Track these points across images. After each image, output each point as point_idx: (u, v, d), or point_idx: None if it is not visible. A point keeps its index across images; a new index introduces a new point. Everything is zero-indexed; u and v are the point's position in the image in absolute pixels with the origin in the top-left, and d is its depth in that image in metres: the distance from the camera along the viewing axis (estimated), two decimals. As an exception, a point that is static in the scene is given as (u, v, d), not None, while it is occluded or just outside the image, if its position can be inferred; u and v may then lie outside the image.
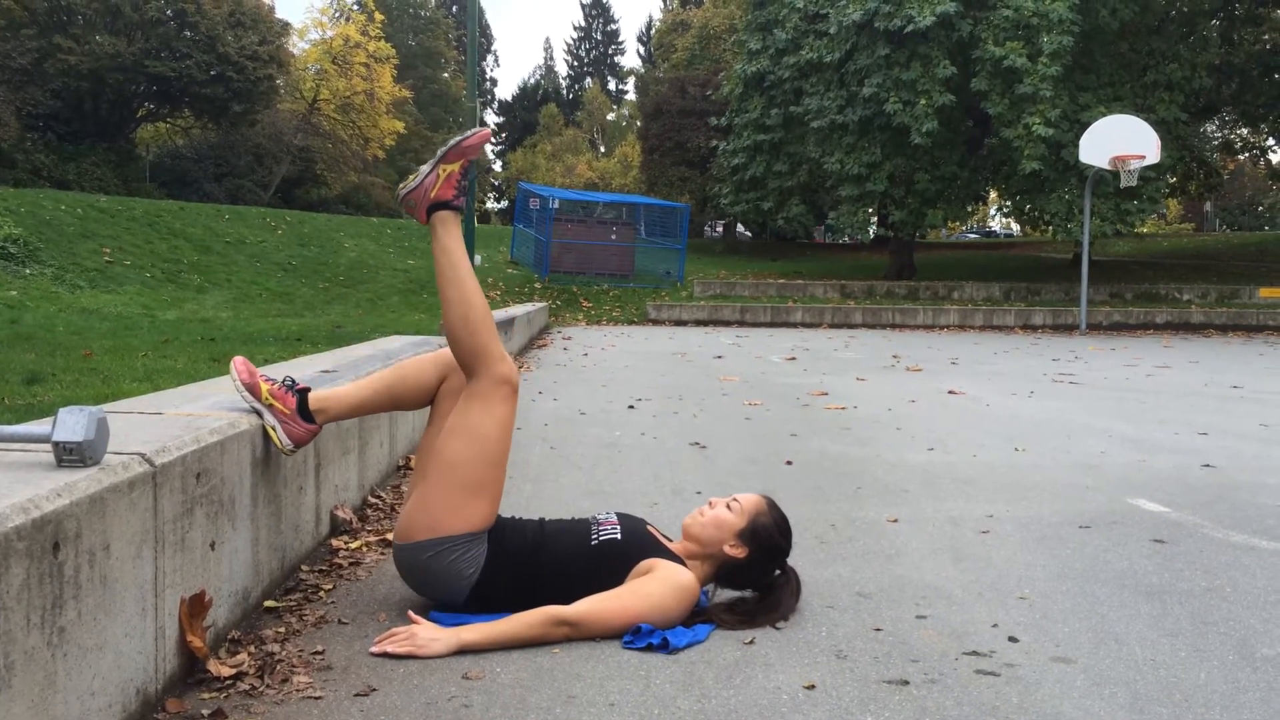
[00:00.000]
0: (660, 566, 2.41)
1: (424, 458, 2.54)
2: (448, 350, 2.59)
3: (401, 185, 2.58)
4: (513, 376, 2.46)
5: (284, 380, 2.51)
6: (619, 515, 2.59)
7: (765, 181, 25.54)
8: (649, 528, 2.58)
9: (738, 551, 2.49)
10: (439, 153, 2.55)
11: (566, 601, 2.35)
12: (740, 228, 40.67)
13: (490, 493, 2.42)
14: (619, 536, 2.48)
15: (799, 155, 24.67)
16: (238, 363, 2.47)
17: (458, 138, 2.55)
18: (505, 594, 2.42)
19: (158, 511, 1.82)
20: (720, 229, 42.65)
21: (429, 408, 2.63)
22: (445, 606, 2.44)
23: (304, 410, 2.47)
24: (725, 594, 2.57)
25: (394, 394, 2.61)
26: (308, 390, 2.51)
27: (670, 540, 2.58)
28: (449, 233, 2.53)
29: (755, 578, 2.54)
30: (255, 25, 35.21)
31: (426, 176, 2.54)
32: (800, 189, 25.58)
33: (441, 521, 2.37)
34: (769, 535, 2.51)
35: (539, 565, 2.43)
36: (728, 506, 2.54)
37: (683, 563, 2.47)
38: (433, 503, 2.39)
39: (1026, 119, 19.44)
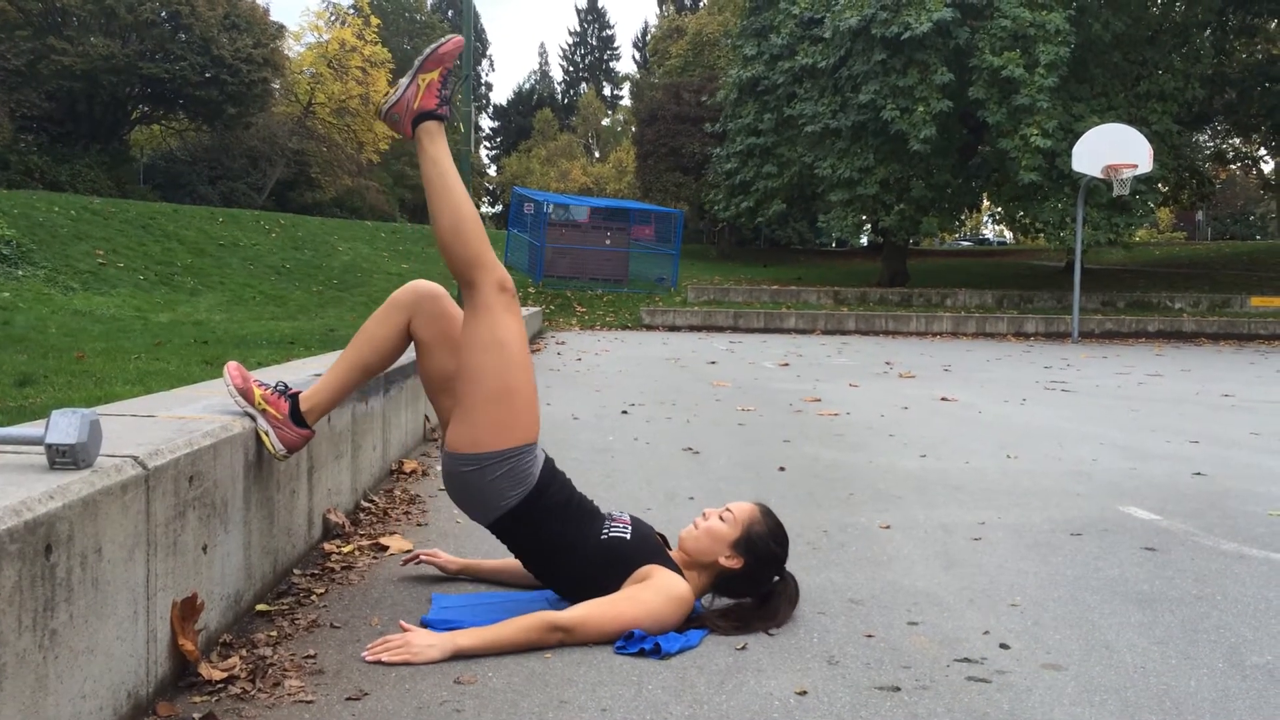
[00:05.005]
0: (657, 574, 2.41)
1: (433, 383, 2.58)
2: (397, 293, 2.60)
3: (383, 100, 2.55)
4: (509, 283, 2.48)
5: (277, 385, 2.51)
6: (632, 518, 2.59)
7: (753, 184, 25.57)
8: (657, 536, 2.59)
9: (733, 563, 2.49)
10: (416, 63, 2.54)
11: (558, 582, 2.43)
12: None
13: (520, 400, 2.43)
14: (628, 537, 2.49)
15: (788, 158, 24.69)
16: (231, 368, 2.48)
17: (432, 45, 2.55)
18: (522, 540, 2.49)
19: (150, 514, 1.82)
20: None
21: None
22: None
23: (296, 415, 2.47)
24: (722, 600, 2.57)
25: (368, 363, 2.59)
26: (300, 394, 2.51)
27: (671, 550, 2.59)
28: (435, 144, 2.52)
29: (753, 587, 2.53)
30: (250, 28, 35.17)
31: (407, 88, 2.52)
32: (785, 190, 25.58)
33: (483, 437, 2.40)
34: (764, 544, 2.51)
35: (561, 535, 2.46)
36: (720, 518, 2.53)
37: (682, 572, 2.47)
38: (473, 419, 2.41)
39: (1024, 130, 19.49)
